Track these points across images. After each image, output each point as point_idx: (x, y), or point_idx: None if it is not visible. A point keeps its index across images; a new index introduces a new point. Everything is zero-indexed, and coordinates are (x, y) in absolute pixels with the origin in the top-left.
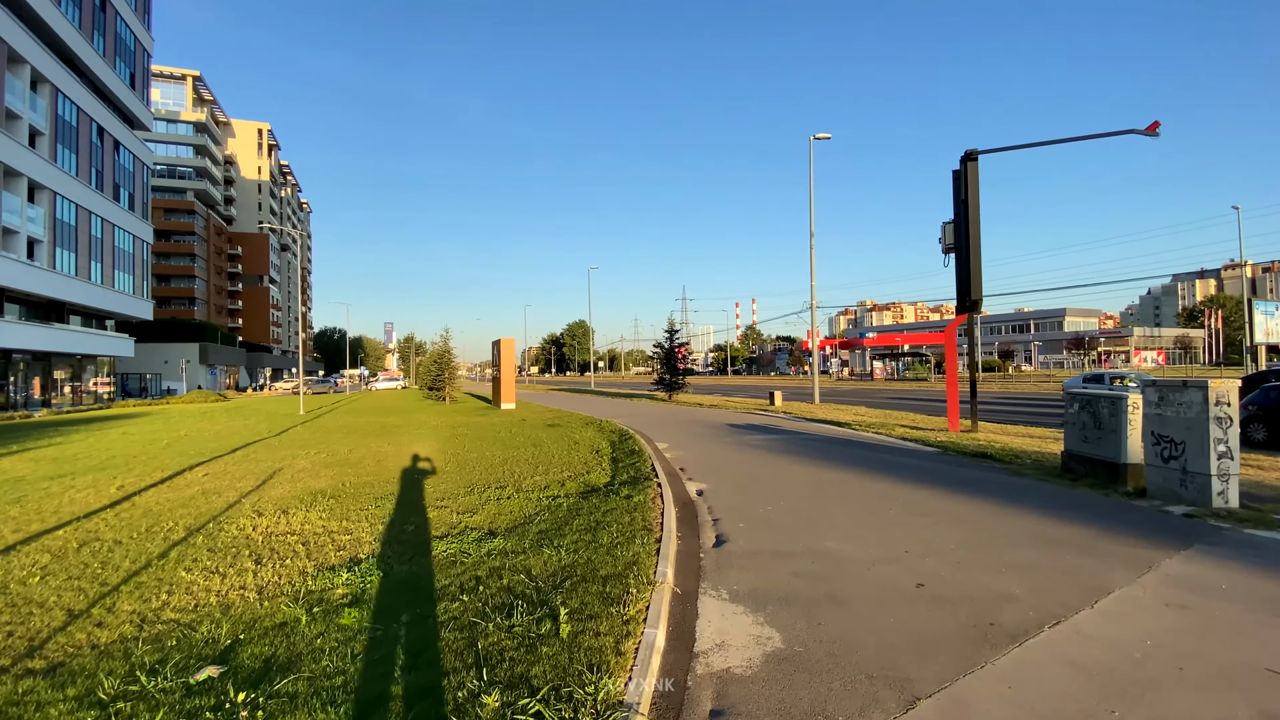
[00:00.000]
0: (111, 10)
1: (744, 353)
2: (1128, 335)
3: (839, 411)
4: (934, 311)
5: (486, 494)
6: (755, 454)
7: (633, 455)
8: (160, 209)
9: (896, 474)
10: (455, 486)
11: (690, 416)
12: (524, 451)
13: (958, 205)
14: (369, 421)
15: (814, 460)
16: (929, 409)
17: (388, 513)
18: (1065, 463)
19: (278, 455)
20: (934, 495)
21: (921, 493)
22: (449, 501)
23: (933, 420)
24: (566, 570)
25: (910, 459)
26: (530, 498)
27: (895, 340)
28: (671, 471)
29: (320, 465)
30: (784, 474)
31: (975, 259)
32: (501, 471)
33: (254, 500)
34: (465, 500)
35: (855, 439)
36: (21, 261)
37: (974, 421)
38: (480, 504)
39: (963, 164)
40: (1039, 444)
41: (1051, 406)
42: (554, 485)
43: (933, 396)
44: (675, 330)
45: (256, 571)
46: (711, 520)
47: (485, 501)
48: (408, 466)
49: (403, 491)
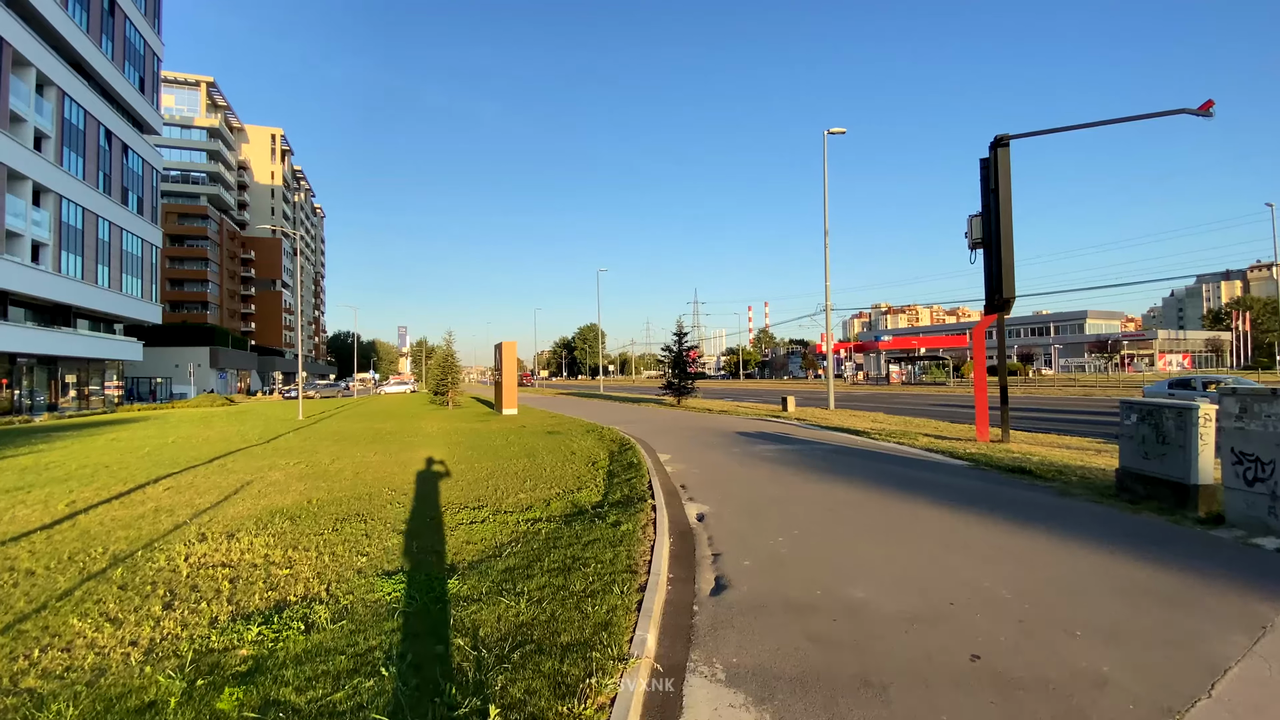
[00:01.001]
0: (120, 14)
1: (756, 356)
2: (1151, 338)
3: (856, 418)
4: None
5: (461, 516)
6: (766, 468)
7: (630, 469)
8: (173, 214)
9: (926, 494)
10: (430, 505)
11: (697, 423)
12: (515, 463)
13: (986, 196)
14: (364, 428)
15: (831, 476)
16: (951, 415)
17: (343, 539)
18: (1121, 481)
19: (256, 465)
20: (974, 522)
21: (959, 519)
22: (415, 524)
23: (957, 429)
24: (522, 632)
25: (939, 475)
26: (508, 521)
27: (912, 343)
28: (670, 489)
29: (294, 477)
30: (798, 493)
31: (1007, 254)
32: (485, 487)
33: (205, 520)
34: (434, 524)
35: (875, 450)
36: (25, 265)
37: (1005, 431)
38: (451, 528)
39: (992, 150)
40: (1080, 457)
41: (1081, 413)
42: (538, 505)
43: (953, 402)
44: (684, 333)
45: (160, 620)
46: (711, 556)
47: (457, 526)
48: (386, 480)
49: (370, 511)
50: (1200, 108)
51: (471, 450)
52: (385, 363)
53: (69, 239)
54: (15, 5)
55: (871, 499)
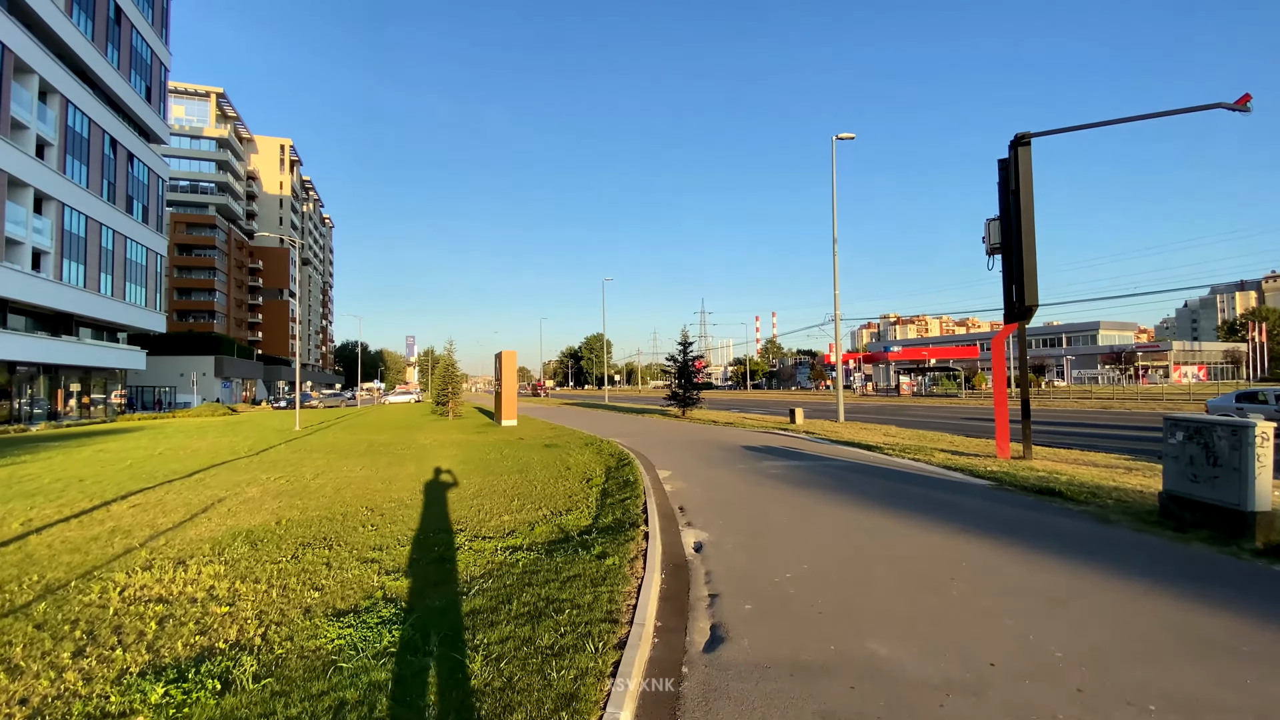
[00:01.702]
0: (127, 23)
1: (764, 366)
2: (1166, 350)
3: (867, 432)
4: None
5: (436, 542)
6: (772, 487)
7: (626, 488)
8: (182, 223)
9: (949, 519)
10: (406, 528)
11: (702, 436)
12: (505, 480)
13: (1005, 198)
14: (358, 440)
15: (844, 497)
16: (966, 429)
17: (301, 569)
18: (1165, 507)
19: (235, 480)
20: (1006, 555)
21: (989, 550)
22: (384, 552)
23: (974, 443)
24: (470, 707)
25: (961, 496)
26: (485, 550)
27: (922, 354)
28: (668, 511)
29: (271, 494)
30: (808, 517)
31: (1029, 259)
32: (470, 507)
33: (161, 544)
34: (405, 551)
35: (890, 467)
36: (25, 273)
37: (1027, 447)
38: (421, 557)
39: (1012, 150)
40: (1109, 476)
41: (1101, 427)
42: (522, 529)
43: (967, 415)
44: (689, 343)
45: (64, 670)
46: (708, 597)
47: (429, 554)
48: (367, 498)
49: (340, 535)
50: (1237, 102)
51: (463, 465)
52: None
53: (71, 247)
54: (18, 12)
55: (889, 526)
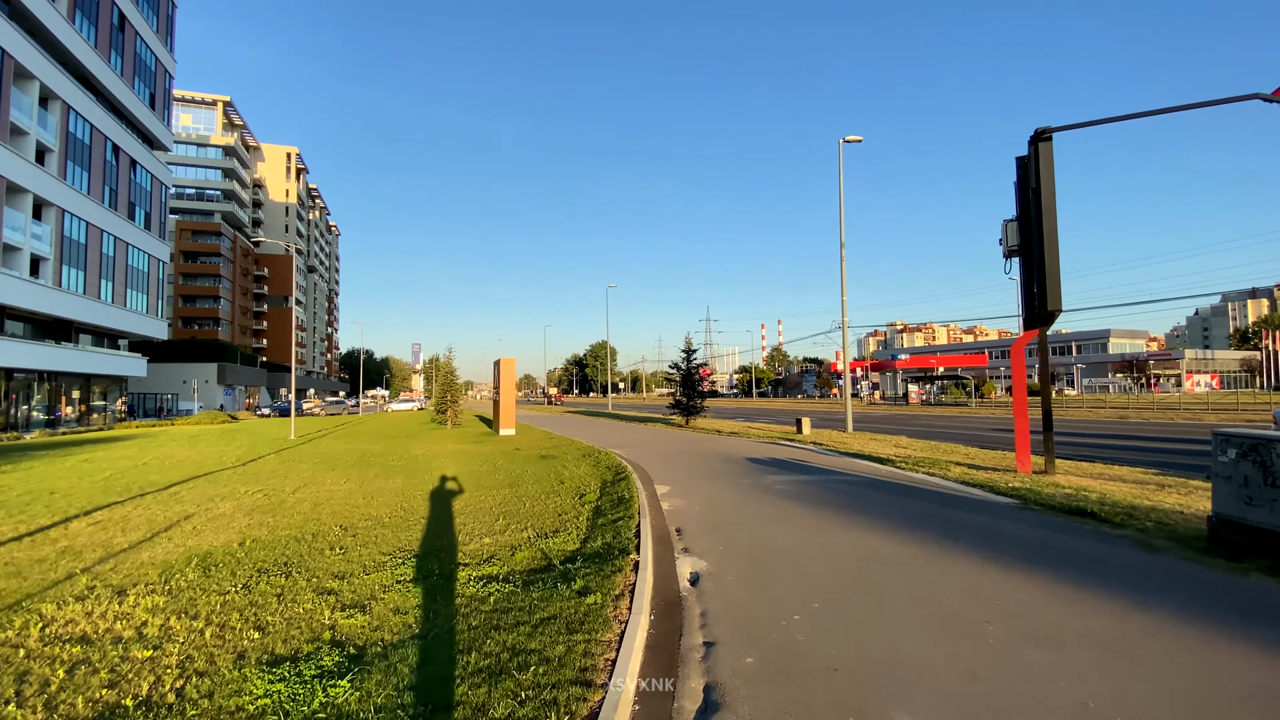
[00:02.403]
0: (130, 30)
1: (770, 374)
2: (1179, 358)
3: (877, 443)
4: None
5: (404, 570)
6: (778, 506)
7: (620, 506)
8: (187, 230)
9: (974, 544)
10: (377, 551)
11: (705, 447)
12: (494, 495)
13: (1025, 197)
14: (351, 449)
15: (857, 519)
16: (980, 440)
17: (249, 602)
18: (1215, 532)
19: (212, 493)
20: (1044, 591)
21: (1023, 584)
22: (346, 582)
23: (990, 455)
24: None
25: (984, 516)
26: (456, 580)
27: (930, 362)
28: (663, 534)
29: (245, 510)
30: (818, 543)
31: (1051, 260)
32: (450, 526)
33: (109, 568)
34: (368, 581)
35: (904, 482)
36: (24, 279)
37: (1049, 461)
38: (384, 588)
39: (1032, 145)
40: (1142, 493)
41: (1120, 438)
42: (502, 554)
43: (978, 425)
44: (693, 350)
45: None
46: (702, 647)
47: (394, 584)
48: (344, 515)
49: (304, 559)
50: (1275, 92)
51: (452, 478)
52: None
53: (71, 253)
54: (19, 18)
55: (910, 554)
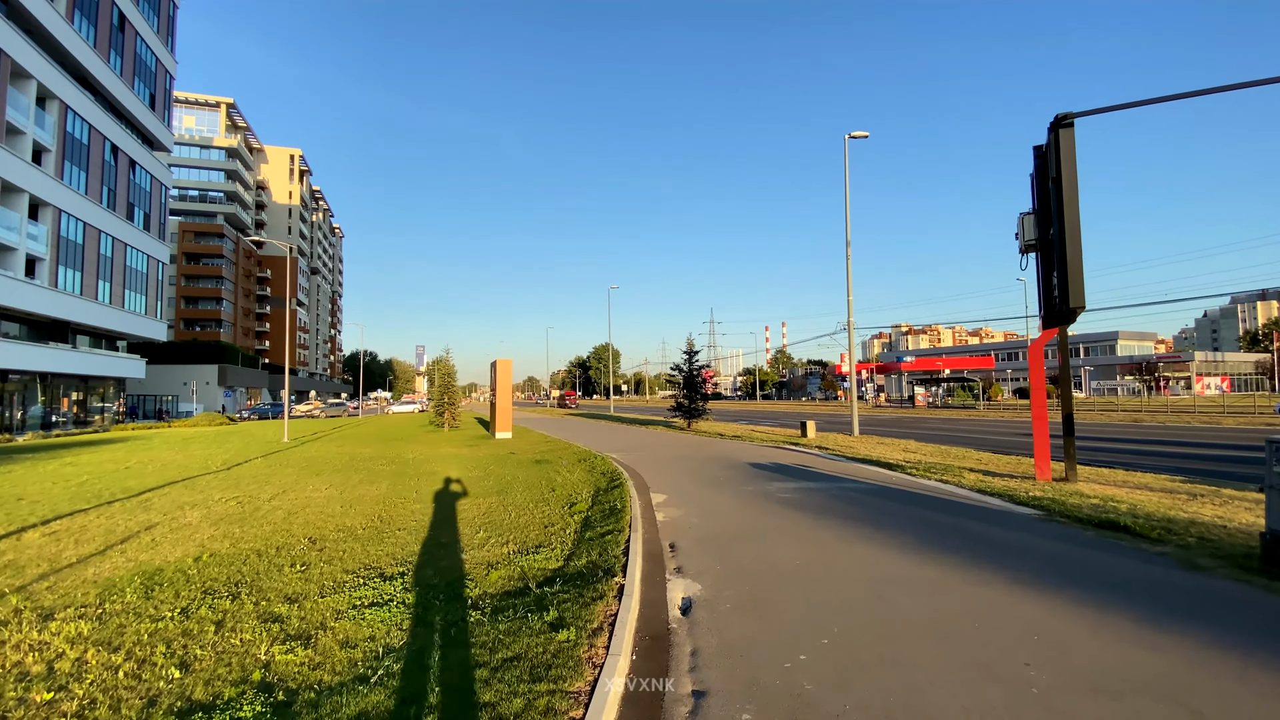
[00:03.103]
0: (130, 30)
1: (774, 377)
2: (1188, 360)
3: (884, 447)
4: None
5: (364, 592)
6: (782, 517)
7: (611, 517)
8: (190, 232)
9: (1000, 563)
10: (340, 569)
11: (706, 451)
12: (479, 504)
13: (1043, 188)
14: (342, 453)
15: (868, 532)
16: (990, 444)
17: (182, 631)
18: (1270, 551)
19: (184, 500)
20: (1088, 622)
21: (1062, 614)
22: (297, 606)
23: (1004, 461)
24: None
25: (1006, 530)
26: (421, 603)
27: (936, 364)
28: (654, 551)
29: (212, 520)
30: (825, 561)
31: (1073, 254)
32: (427, 540)
33: (44, 587)
34: (321, 606)
35: (916, 490)
36: (18, 279)
37: (1070, 468)
38: (338, 615)
39: (1052, 132)
40: (1174, 504)
41: (1137, 442)
42: (476, 573)
43: (989, 429)
44: (695, 351)
45: None
46: (691, 698)
47: (348, 610)
48: (316, 526)
49: (256, 578)
50: None
51: (439, 485)
52: (402, 381)
53: (68, 254)
54: (16, 17)
55: (929, 575)
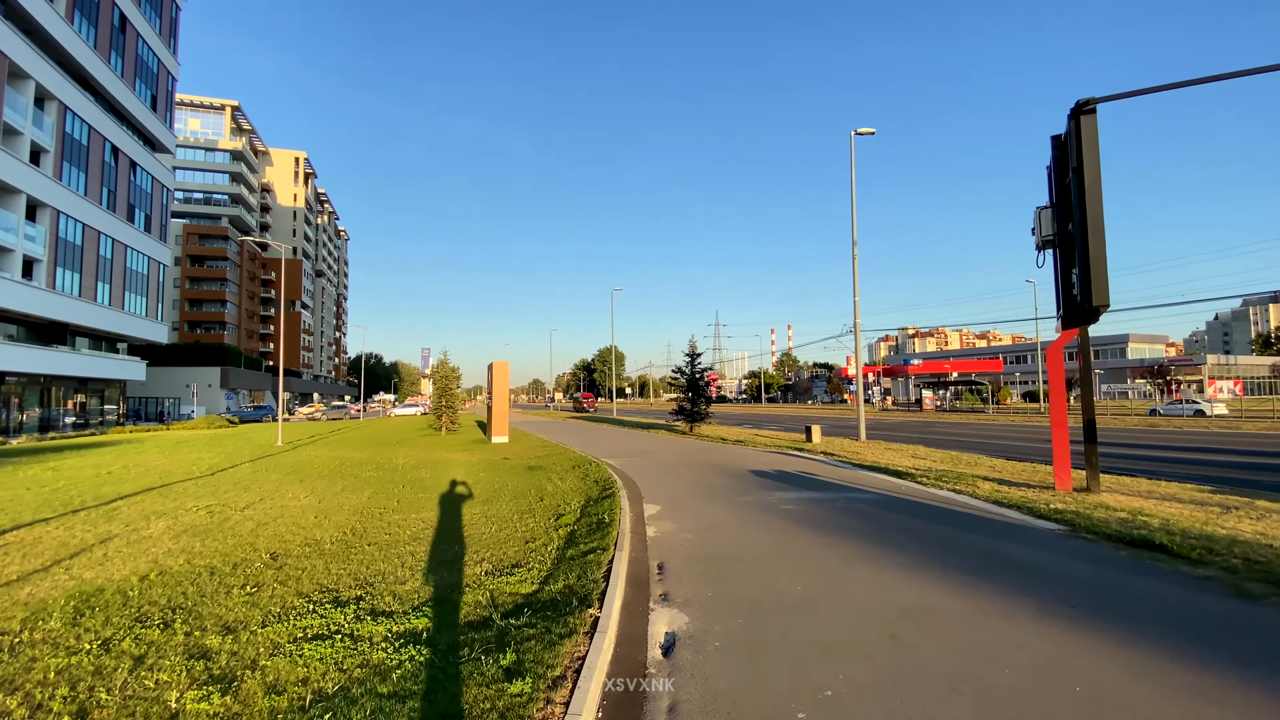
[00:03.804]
0: (132, 32)
1: (779, 380)
2: (1200, 364)
3: (892, 453)
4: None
5: (312, 619)
6: (784, 533)
7: (598, 531)
8: (195, 234)
9: (1028, 591)
10: (293, 591)
11: (706, 457)
12: (463, 514)
13: (1061, 179)
14: (332, 458)
15: (878, 551)
16: (1002, 450)
17: (94, 670)
18: None
19: (153, 509)
20: (1139, 669)
21: (1109, 659)
22: (231, 639)
23: (1018, 468)
24: None
25: (1029, 549)
26: (367, 640)
27: (944, 367)
28: (640, 574)
29: (176, 531)
30: (831, 588)
31: (1097, 248)
32: (397, 555)
33: None
34: (259, 639)
35: (928, 501)
36: (15, 280)
37: (1093, 478)
38: (268, 654)
39: (1072, 120)
40: (1208, 518)
41: (1156, 449)
42: (440, 598)
43: (999, 434)
44: (697, 354)
45: None
46: None
47: (281, 647)
48: (283, 539)
49: (200, 602)
50: None
51: (424, 493)
52: (407, 384)
53: (66, 255)
54: (14, 17)
55: (948, 605)
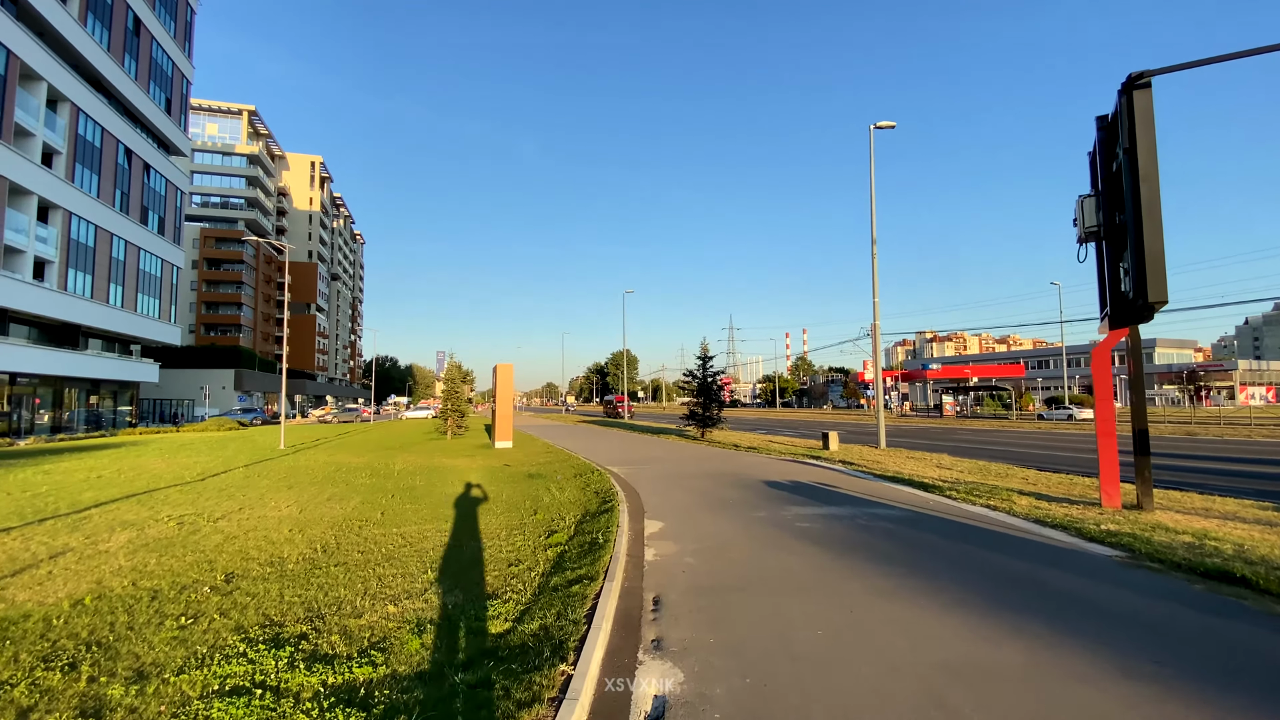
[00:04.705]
0: (146, 35)
1: (794, 384)
2: (1231, 369)
3: (915, 462)
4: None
5: (237, 665)
6: (800, 558)
7: (589, 554)
8: (212, 238)
9: (1098, 642)
10: (233, 624)
11: (717, 466)
12: (448, 529)
13: (1107, 165)
14: (330, 463)
15: (911, 583)
16: (1032, 460)
17: None
18: None
19: (124, 518)
20: None
21: None
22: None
23: (1053, 481)
24: None
25: (1089, 581)
26: (295, 693)
27: (964, 372)
28: (632, 612)
29: (135, 546)
30: (858, 634)
31: (1154, 237)
32: (363, 578)
33: None
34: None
35: (961, 519)
36: (25, 282)
37: (1146, 494)
38: (174, 710)
39: (1123, 96)
40: (1275, 537)
41: (1197, 459)
42: (393, 639)
43: (1026, 442)
44: (709, 357)
45: None
46: None
47: (188, 703)
48: (243, 557)
49: (123, 636)
50: None
51: (413, 503)
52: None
53: (78, 256)
54: (26, 18)
55: (1005, 658)
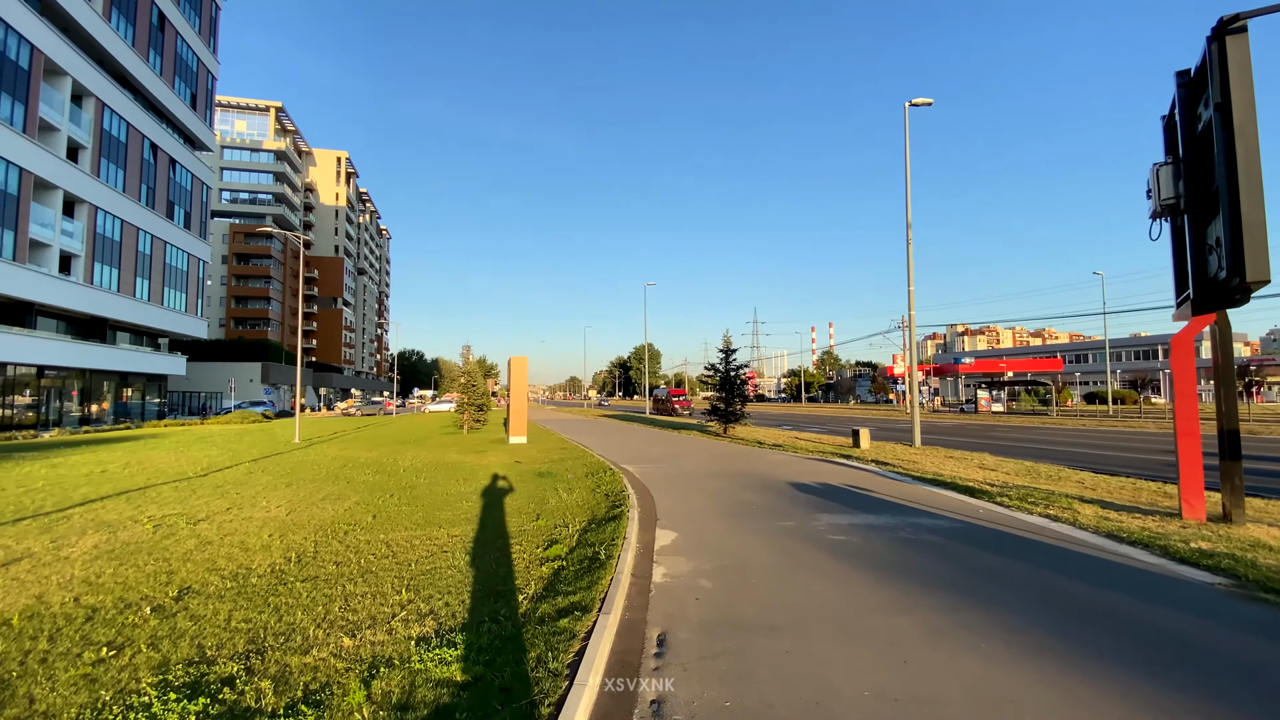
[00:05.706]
0: (171, 30)
1: (820, 379)
2: None
3: (955, 463)
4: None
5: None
6: (835, 584)
7: (588, 574)
8: (240, 233)
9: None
10: (163, 655)
11: (739, 465)
12: (439, 536)
13: (1191, 126)
14: (339, 458)
15: (975, 619)
16: (1085, 461)
17: None
18: None
19: (106, 518)
20: None
21: None
22: None
23: (1114, 484)
24: None
25: (1197, 621)
26: None
27: (998, 366)
28: (629, 659)
29: (98, 552)
30: (919, 695)
31: (1253, 206)
32: (327, 598)
33: None
34: None
35: (1020, 533)
36: (51, 275)
37: (1235, 504)
38: None
39: (1213, 43)
40: None
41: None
42: (334, 689)
43: (1073, 440)
44: (732, 350)
45: None
46: None
47: None
48: (208, 567)
49: (27, 672)
50: None
51: (410, 504)
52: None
53: (104, 250)
54: (50, 14)
55: None
